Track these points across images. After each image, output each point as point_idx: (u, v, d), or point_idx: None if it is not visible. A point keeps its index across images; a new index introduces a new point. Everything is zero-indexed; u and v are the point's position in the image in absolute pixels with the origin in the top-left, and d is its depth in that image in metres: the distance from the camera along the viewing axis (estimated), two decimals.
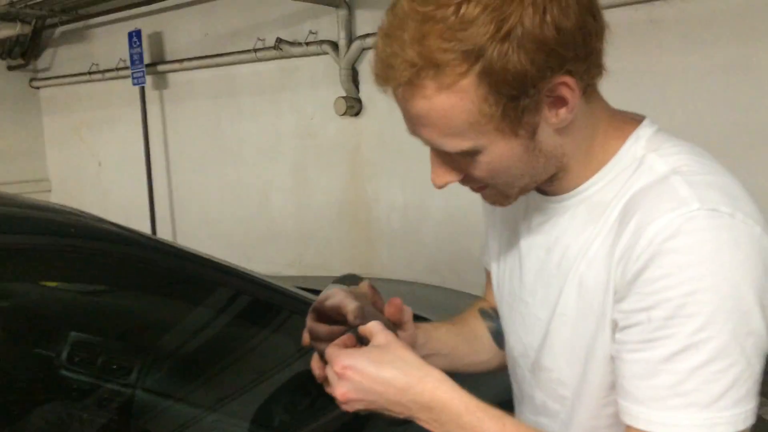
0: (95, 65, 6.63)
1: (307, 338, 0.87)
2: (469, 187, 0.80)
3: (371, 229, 5.23)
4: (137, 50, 5.90)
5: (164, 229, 6.46)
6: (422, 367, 0.73)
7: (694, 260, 0.64)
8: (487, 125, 0.68)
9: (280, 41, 5.16)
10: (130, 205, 6.50)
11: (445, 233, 4.76)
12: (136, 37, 5.91)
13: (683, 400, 0.64)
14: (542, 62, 0.65)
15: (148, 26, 6.11)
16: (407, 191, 4.87)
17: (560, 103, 0.69)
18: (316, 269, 5.37)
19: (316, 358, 0.83)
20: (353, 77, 4.82)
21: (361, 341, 0.79)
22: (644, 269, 0.66)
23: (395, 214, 5.06)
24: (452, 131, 0.69)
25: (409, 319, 0.92)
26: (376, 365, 0.72)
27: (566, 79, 0.67)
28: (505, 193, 0.79)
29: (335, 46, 4.88)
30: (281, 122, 5.56)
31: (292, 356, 1.43)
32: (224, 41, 5.64)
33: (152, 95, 6.32)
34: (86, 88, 6.91)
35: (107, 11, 6.10)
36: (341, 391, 0.73)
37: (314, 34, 5.08)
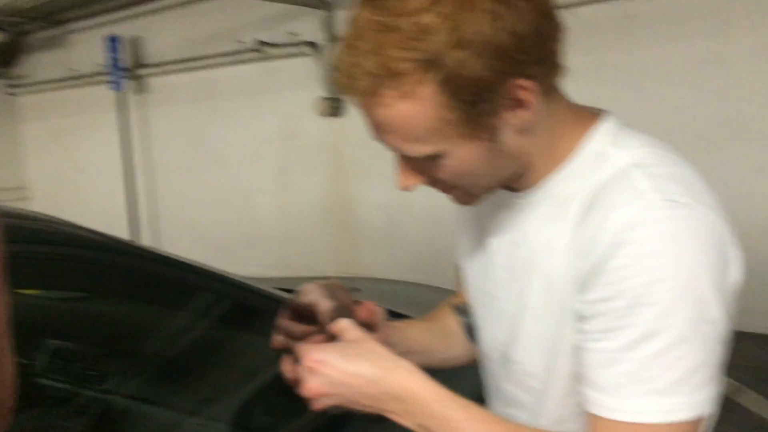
0: (73, 71, 6.58)
1: (278, 339, 0.88)
2: (436, 188, 0.81)
3: (354, 229, 5.24)
4: (115, 55, 5.87)
5: (147, 234, 6.42)
6: (392, 359, 0.74)
7: (653, 250, 0.65)
8: (448, 130, 0.70)
9: (260, 43, 5.15)
10: (111, 210, 6.45)
11: (427, 231, 4.78)
12: (114, 41, 5.87)
13: (643, 387, 0.65)
14: (499, 68, 0.66)
15: (126, 31, 6.07)
16: (390, 190, 4.86)
17: (520, 105, 0.70)
18: (300, 270, 5.36)
19: (287, 359, 0.83)
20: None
21: (334, 340, 0.79)
22: (606, 260, 0.67)
23: (378, 213, 5.07)
24: (414, 137, 0.71)
25: (381, 320, 0.93)
26: (346, 358, 0.73)
27: (524, 82, 0.68)
28: (471, 193, 0.80)
29: (315, 47, 4.88)
30: (263, 124, 5.55)
31: (273, 359, 1.43)
32: (204, 44, 5.62)
33: (132, 100, 6.29)
34: (64, 94, 6.86)
35: (85, 16, 6.06)
36: (311, 385, 0.73)
37: (294, 35, 5.08)
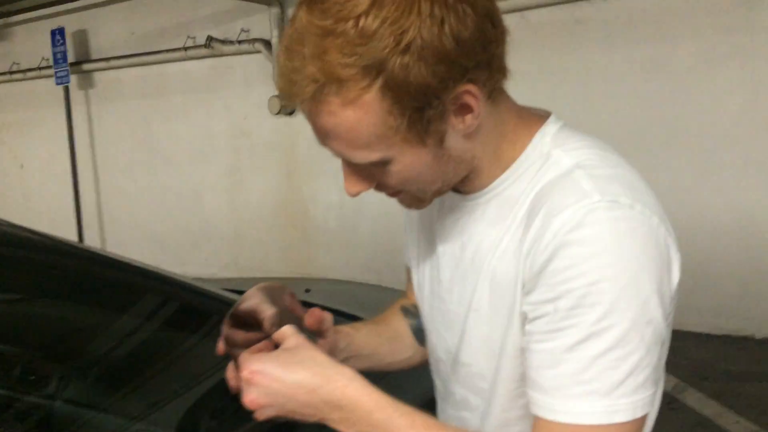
0: (16, 64, 6.39)
1: (221, 346, 0.86)
2: (383, 193, 0.80)
3: (308, 228, 5.21)
4: (60, 48, 5.71)
5: (92, 233, 6.26)
6: (332, 366, 0.72)
7: (595, 251, 0.66)
8: (393, 137, 0.69)
9: (211, 39, 5.08)
10: (54, 209, 6.28)
11: (381, 231, 4.79)
12: (59, 34, 5.71)
13: (584, 388, 0.66)
14: (444, 73, 0.65)
15: (72, 24, 5.91)
16: (343, 190, 4.86)
17: (465, 110, 0.70)
18: (252, 271, 5.31)
19: (231, 367, 0.80)
20: None
21: (278, 347, 0.78)
22: (550, 261, 0.68)
23: (332, 213, 5.05)
24: (360, 144, 0.70)
25: (329, 326, 0.92)
26: (284, 368, 0.71)
27: (469, 87, 0.67)
28: (418, 197, 0.80)
29: (268, 44, 4.83)
30: (214, 122, 5.47)
31: (220, 362, 1.41)
32: (153, 39, 5.51)
33: (77, 95, 6.12)
34: (7, 88, 6.64)
35: (29, 8, 5.86)
36: (250, 397, 0.71)
37: (246, 32, 5.03)
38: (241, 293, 0.89)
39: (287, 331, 0.76)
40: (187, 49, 5.23)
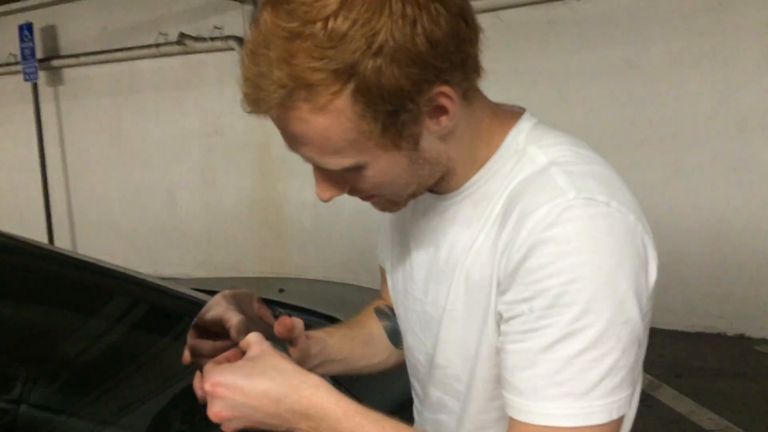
0: None
1: (187, 356, 0.83)
2: (357, 197, 0.78)
3: (283, 228, 5.17)
4: (28, 44, 5.59)
5: (62, 233, 6.14)
6: (298, 374, 0.70)
7: (570, 249, 0.64)
8: (367, 142, 0.66)
9: (183, 36, 5.01)
10: (23, 208, 6.15)
11: (356, 231, 4.77)
12: (27, 30, 5.59)
13: (560, 389, 0.64)
14: (417, 75, 0.63)
15: (40, 19, 5.79)
16: None
17: (440, 111, 0.68)
18: (227, 270, 5.25)
19: (198, 376, 0.76)
20: None
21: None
22: (525, 260, 0.66)
23: (307, 212, 5.02)
24: (332, 150, 0.67)
25: (300, 333, 0.90)
26: (248, 378, 0.69)
27: (444, 88, 0.66)
28: (393, 201, 0.78)
29: (241, 41, 4.78)
30: (186, 120, 5.40)
31: (190, 365, 1.38)
32: (124, 35, 5.42)
33: (46, 92, 6.00)
34: None
35: None
36: (214, 410, 0.69)
37: (219, 29, 4.97)
38: (214, 293, 0.87)
39: (252, 338, 0.74)
40: (158, 45, 5.16)
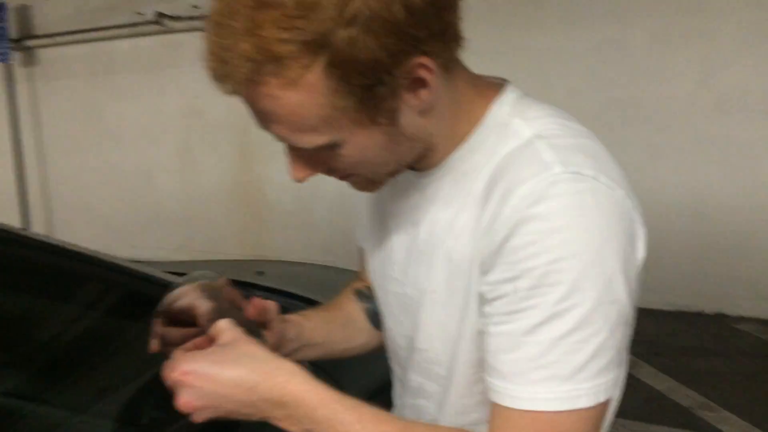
0: None
1: (155, 345, 0.79)
2: (333, 177, 0.74)
3: (263, 210, 5.12)
4: (1, 25, 5.46)
5: (38, 216, 6.04)
6: (271, 361, 0.67)
7: (557, 226, 0.61)
8: (342, 118, 0.62)
9: (160, 15, 4.91)
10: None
11: (338, 212, 4.73)
12: (0, 10, 5.45)
13: (545, 372, 0.62)
14: (394, 46, 0.59)
15: None
16: None
17: (420, 84, 0.63)
18: (206, 253, 5.20)
19: (167, 366, 0.71)
20: None
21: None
22: (509, 238, 0.63)
23: (287, 194, 4.97)
24: (305, 127, 0.63)
25: (274, 316, 0.86)
26: (218, 366, 0.65)
27: (423, 59, 0.61)
28: (372, 180, 0.74)
29: None
30: (164, 100, 5.31)
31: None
32: (100, 15, 5.30)
33: (20, 73, 5.87)
34: None
35: None
36: (183, 399, 0.65)
37: (197, 8, 4.87)
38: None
39: (222, 325, 0.70)
40: (135, 25, 5.05)
